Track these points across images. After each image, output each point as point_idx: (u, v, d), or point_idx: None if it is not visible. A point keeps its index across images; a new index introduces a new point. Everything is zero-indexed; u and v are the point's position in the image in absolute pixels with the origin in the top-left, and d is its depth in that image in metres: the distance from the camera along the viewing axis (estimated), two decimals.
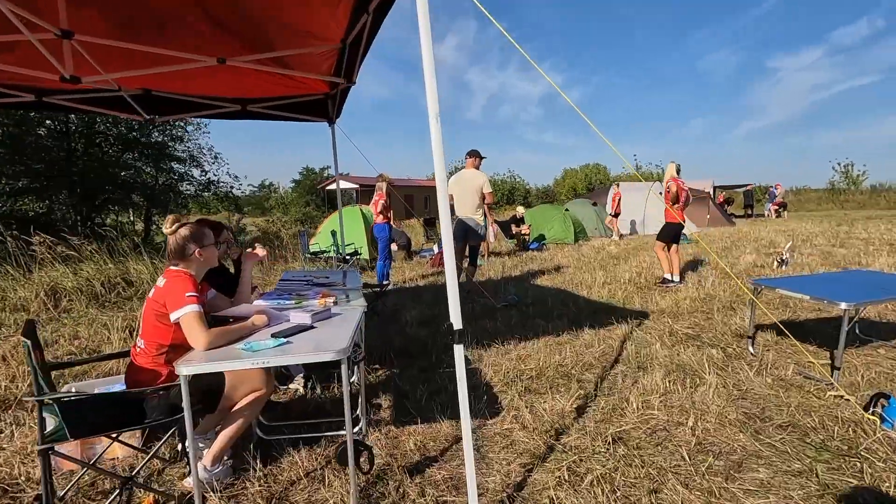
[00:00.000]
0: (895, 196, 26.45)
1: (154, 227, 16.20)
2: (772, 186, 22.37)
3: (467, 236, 5.77)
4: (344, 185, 22.79)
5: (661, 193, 5.03)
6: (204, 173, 15.74)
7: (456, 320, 1.69)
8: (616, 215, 12.79)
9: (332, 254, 8.77)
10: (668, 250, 6.20)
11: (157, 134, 13.05)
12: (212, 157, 15.84)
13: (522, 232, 10.84)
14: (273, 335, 2.02)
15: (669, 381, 3.02)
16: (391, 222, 6.73)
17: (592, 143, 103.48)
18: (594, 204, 14.44)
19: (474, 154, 5.80)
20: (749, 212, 22.41)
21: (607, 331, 4.19)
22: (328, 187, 30.31)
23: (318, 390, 3.08)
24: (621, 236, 12.95)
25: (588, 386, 3.05)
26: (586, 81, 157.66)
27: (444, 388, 3.08)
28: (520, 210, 11.17)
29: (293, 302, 2.77)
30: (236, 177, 16.56)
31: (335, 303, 2.67)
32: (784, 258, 6.99)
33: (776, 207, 20.89)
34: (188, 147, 15.62)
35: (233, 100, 3.98)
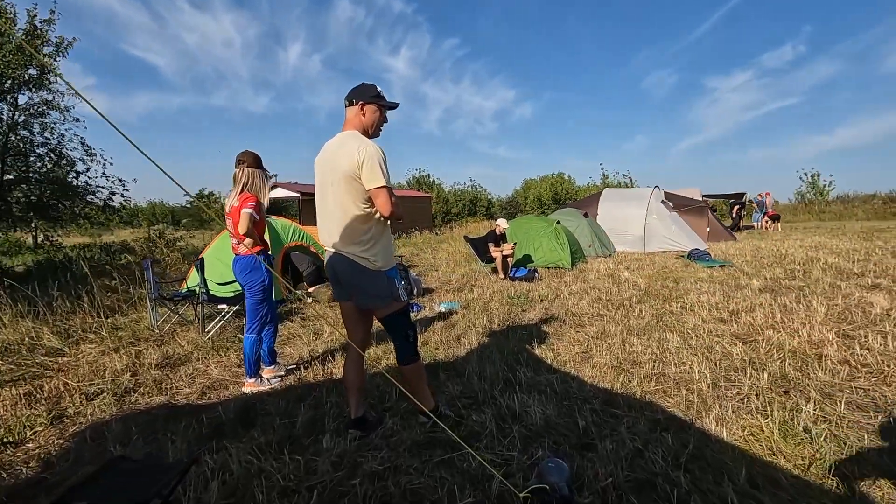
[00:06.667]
0: (870, 207, 25.66)
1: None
2: (759, 195, 20.58)
3: (349, 293, 2.43)
4: (283, 193, 18.47)
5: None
6: (75, 174, 11.66)
7: None
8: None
9: (199, 296, 5.23)
10: None
11: None
12: (84, 152, 11.78)
13: (505, 254, 7.69)
14: None
15: None
16: (269, 250, 3.34)
17: (547, 157, 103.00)
18: (585, 215, 11.56)
19: (356, 94, 2.39)
20: (738, 223, 20.45)
21: None
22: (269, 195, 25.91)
23: None
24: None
25: None
26: (538, 97, 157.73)
27: None
28: (501, 224, 8.00)
29: None
30: (121, 180, 12.37)
31: None
32: None
33: (767, 219, 18.98)
34: (48, 138, 11.52)
35: None
